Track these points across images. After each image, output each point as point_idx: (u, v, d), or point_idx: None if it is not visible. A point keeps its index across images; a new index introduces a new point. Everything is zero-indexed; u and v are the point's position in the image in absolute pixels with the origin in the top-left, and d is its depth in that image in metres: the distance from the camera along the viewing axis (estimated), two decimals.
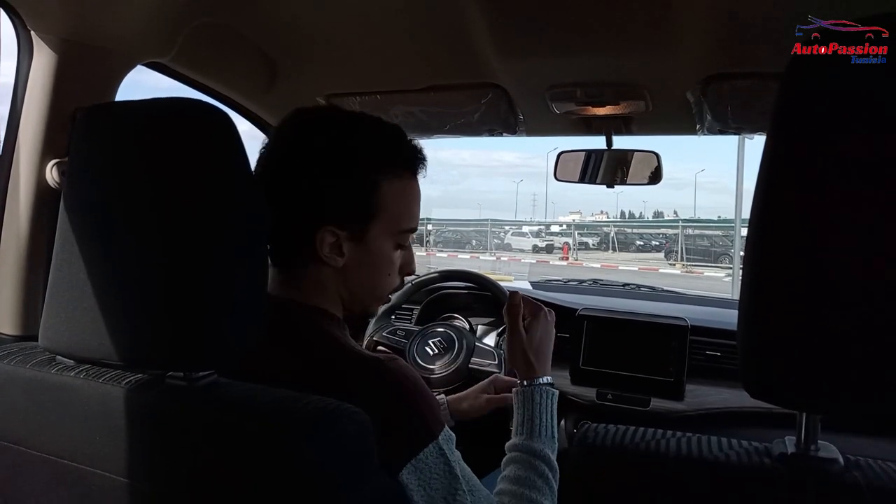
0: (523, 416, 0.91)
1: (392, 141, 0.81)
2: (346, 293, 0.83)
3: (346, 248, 0.78)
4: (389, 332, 1.61)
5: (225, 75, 1.30)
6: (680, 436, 0.52)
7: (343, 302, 0.84)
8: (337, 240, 0.78)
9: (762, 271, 0.46)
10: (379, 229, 0.80)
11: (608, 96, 1.28)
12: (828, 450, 0.48)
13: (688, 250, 17.74)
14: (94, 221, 0.65)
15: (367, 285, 0.83)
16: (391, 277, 0.85)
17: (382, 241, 0.81)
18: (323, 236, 0.77)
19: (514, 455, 0.87)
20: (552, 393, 0.94)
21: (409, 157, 0.82)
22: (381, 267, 0.83)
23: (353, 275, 0.81)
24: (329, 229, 0.77)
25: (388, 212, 0.79)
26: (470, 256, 18.13)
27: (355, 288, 0.82)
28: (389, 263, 0.84)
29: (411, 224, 0.84)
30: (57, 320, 0.66)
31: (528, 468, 0.84)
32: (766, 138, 0.47)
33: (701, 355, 1.51)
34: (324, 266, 0.79)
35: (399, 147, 0.81)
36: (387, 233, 0.81)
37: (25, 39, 0.88)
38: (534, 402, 0.91)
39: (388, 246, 0.82)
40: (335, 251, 0.78)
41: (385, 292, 0.87)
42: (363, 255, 0.80)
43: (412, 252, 0.89)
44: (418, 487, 0.67)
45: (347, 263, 0.79)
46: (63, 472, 0.65)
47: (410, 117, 1.47)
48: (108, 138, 0.66)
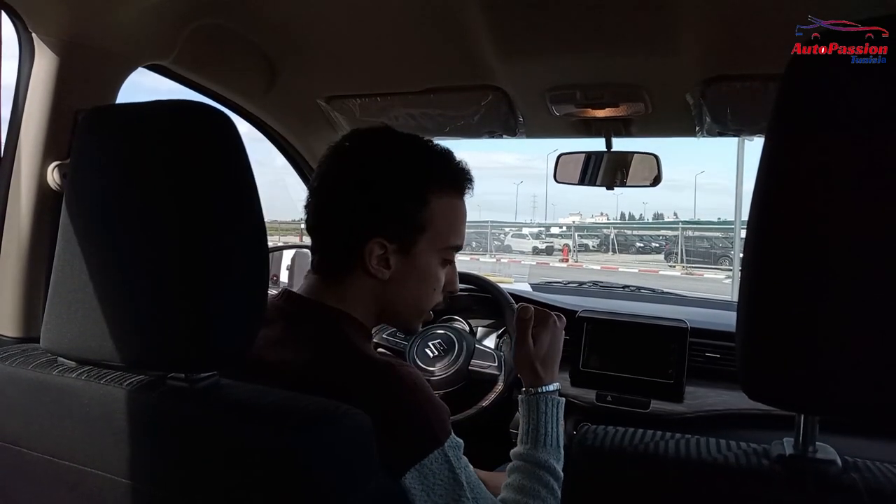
0: (528, 425, 0.91)
1: (442, 160, 0.84)
2: (388, 306, 0.84)
3: (392, 261, 0.81)
4: (389, 334, 1.61)
5: (225, 77, 1.30)
6: (679, 437, 0.52)
7: (381, 316, 0.85)
8: (385, 252, 0.80)
9: (761, 273, 0.47)
10: (426, 244, 0.82)
11: (608, 98, 1.29)
12: (826, 451, 0.48)
13: (688, 252, 17.75)
14: (95, 223, 0.65)
15: (411, 299, 0.85)
16: (435, 293, 0.87)
17: (429, 256, 0.83)
18: (372, 248, 0.79)
19: (518, 464, 0.88)
20: (558, 401, 0.94)
21: (457, 176, 0.85)
22: (426, 281, 0.85)
23: (398, 288, 0.83)
24: (378, 241, 0.79)
25: (436, 227, 0.82)
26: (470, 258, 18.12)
27: (398, 301, 0.84)
28: (435, 279, 0.86)
29: (457, 241, 0.86)
30: (58, 322, 0.66)
31: (532, 478, 0.85)
32: (764, 139, 0.47)
33: (700, 357, 1.51)
34: (368, 278, 0.81)
35: (448, 166, 0.85)
36: (433, 248, 0.83)
37: (27, 41, 0.89)
38: (539, 411, 0.91)
39: (434, 261, 0.84)
40: (382, 263, 0.80)
41: (427, 308, 0.88)
42: (409, 268, 0.82)
43: (456, 270, 0.91)
44: (421, 493, 0.68)
45: (393, 276, 0.81)
46: (64, 473, 0.65)
47: (410, 119, 1.47)
48: (110, 140, 0.66)
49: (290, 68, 1.30)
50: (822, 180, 0.44)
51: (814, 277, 0.44)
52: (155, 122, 0.64)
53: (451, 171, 0.85)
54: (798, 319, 0.45)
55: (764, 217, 0.46)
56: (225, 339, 0.61)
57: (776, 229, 0.45)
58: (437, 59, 1.22)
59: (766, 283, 0.46)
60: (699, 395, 1.46)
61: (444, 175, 0.84)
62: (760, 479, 0.46)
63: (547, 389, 0.94)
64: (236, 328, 0.61)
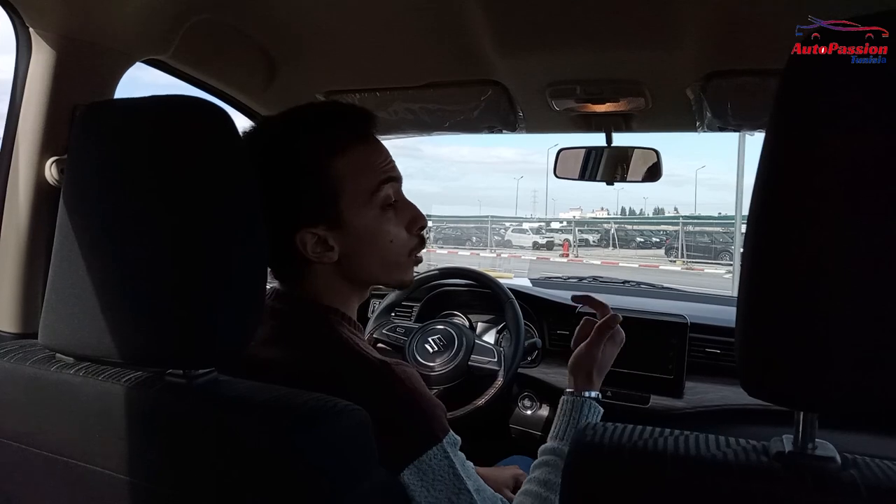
0: (567, 423, 0.91)
1: (324, 119, 0.79)
2: (358, 280, 0.82)
3: (332, 241, 0.77)
4: (389, 330, 1.61)
5: (223, 72, 1.30)
6: (677, 434, 0.52)
7: (363, 290, 0.84)
8: (318, 237, 0.77)
9: (760, 270, 0.46)
10: (349, 207, 0.77)
11: (608, 93, 1.28)
12: (825, 448, 0.48)
13: (688, 247, 17.75)
14: (93, 219, 0.65)
15: (374, 263, 0.81)
16: (395, 244, 0.81)
17: (361, 214, 0.78)
18: (303, 238, 0.76)
19: (547, 458, 0.87)
20: (599, 410, 0.95)
21: (345, 125, 0.80)
22: (375, 239, 0.80)
23: (354, 260, 0.79)
24: (306, 231, 0.76)
25: (349, 186, 0.77)
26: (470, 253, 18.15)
27: (363, 271, 0.81)
28: (384, 232, 0.80)
29: (378, 179, 0.79)
30: (56, 318, 0.66)
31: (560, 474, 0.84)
32: (764, 136, 0.47)
33: (700, 352, 1.52)
34: (317, 266, 0.79)
35: (332, 122, 0.79)
36: (360, 204, 0.78)
37: (24, 37, 0.88)
38: (581, 413, 0.92)
39: (370, 216, 0.79)
40: (323, 248, 0.78)
41: (400, 258, 0.83)
42: (351, 238, 0.78)
43: (411, 205, 0.84)
44: (421, 489, 0.68)
45: (343, 252, 0.78)
46: (62, 469, 0.65)
47: (410, 114, 1.47)
48: (108, 136, 0.66)
49: (289, 63, 1.29)
50: (822, 178, 0.43)
51: (813, 274, 0.44)
52: (153, 118, 0.63)
53: (337, 124, 0.79)
54: (797, 316, 0.44)
55: (763, 213, 0.46)
56: (223, 335, 0.61)
57: (776, 226, 0.45)
58: (437, 54, 1.21)
59: (765, 279, 0.46)
60: (699, 390, 1.47)
61: (331, 133, 0.78)
62: (759, 476, 0.46)
63: (592, 395, 0.95)
64: (235, 324, 0.61)
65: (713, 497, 0.47)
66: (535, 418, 1.60)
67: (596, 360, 0.97)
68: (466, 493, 0.70)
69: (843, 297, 0.43)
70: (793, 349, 0.45)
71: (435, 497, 0.68)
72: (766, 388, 0.47)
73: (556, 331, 1.70)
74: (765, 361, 0.46)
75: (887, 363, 0.43)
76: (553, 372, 1.62)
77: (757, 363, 0.47)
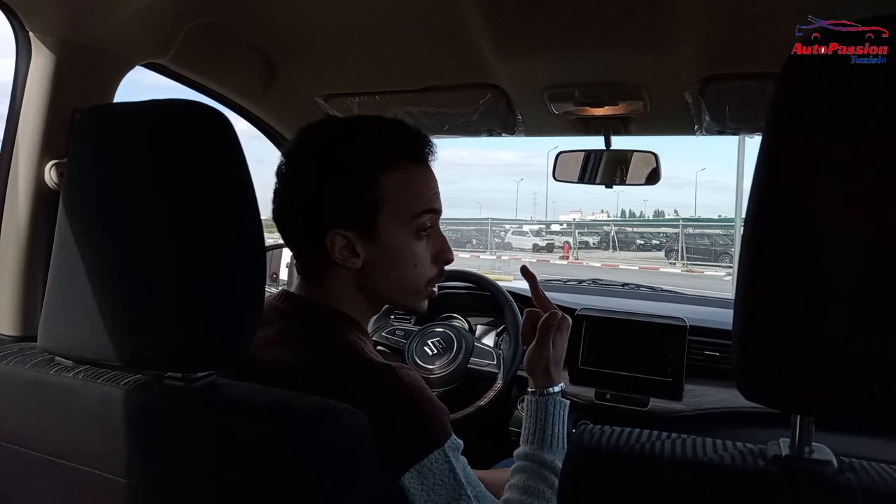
0: (535, 426, 0.91)
1: (388, 134, 0.82)
2: (374, 294, 0.83)
3: (360, 248, 0.79)
4: (388, 332, 1.61)
5: (223, 76, 1.30)
6: (675, 437, 0.52)
7: (375, 304, 0.85)
8: (348, 241, 0.78)
9: (757, 272, 0.46)
10: (388, 223, 0.79)
11: (606, 97, 1.28)
12: (822, 452, 0.48)
13: (688, 249, 17.74)
14: (92, 222, 0.65)
15: (393, 281, 0.83)
16: (419, 269, 0.83)
17: (395, 232, 0.80)
18: (333, 239, 0.78)
19: (523, 464, 0.87)
20: (564, 403, 0.94)
21: (408, 145, 0.82)
22: (401, 260, 0.81)
23: (376, 273, 0.81)
24: (337, 232, 0.78)
25: (394, 204, 0.79)
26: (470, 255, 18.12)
27: (381, 286, 0.83)
28: (411, 255, 0.82)
29: (422, 207, 0.82)
30: (56, 321, 0.66)
31: (537, 478, 0.84)
32: (762, 138, 0.47)
33: (700, 355, 1.52)
34: (341, 269, 0.80)
35: (395, 139, 0.82)
36: (398, 223, 0.80)
37: (24, 40, 0.88)
38: (546, 412, 0.91)
39: (404, 237, 0.81)
40: (349, 252, 0.79)
41: (419, 285, 0.85)
42: (379, 251, 0.80)
43: (443, 238, 0.87)
44: (421, 493, 0.68)
45: (366, 262, 0.80)
46: (61, 472, 0.65)
47: (409, 118, 1.47)
48: (107, 139, 0.66)
49: (289, 66, 1.29)
50: (820, 179, 0.43)
51: (810, 277, 0.44)
52: (152, 122, 0.64)
53: (399, 143, 0.81)
54: (794, 319, 0.45)
55: (761, 216, 0.46)
56: (222, 338, 0.61)
57: (773, 228, 0.45)
58: (436, 58, 1.22)
59: (763, 282, 0.46)
60: (698, 393, 1.46)
61: (391, 149, 0.80)
62: (756, 479, 0.46)
63: (554, 390, 0.94)
64: (233, 327, 0.61)
65: (710, 500, 0.47)
66: None
67: (549, 357, 0.95)
68: (466, 499, 0.70)
69: (841, 299, 0.43)
70: (789, 352, 0.45)
71: (434, 501, 0.68)
72: (762, 392, 0.47)
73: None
74: (761, 365, 0.46)
75: (884, 366, 0.43)
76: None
77: (753, 366, 0.47)
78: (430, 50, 1.19)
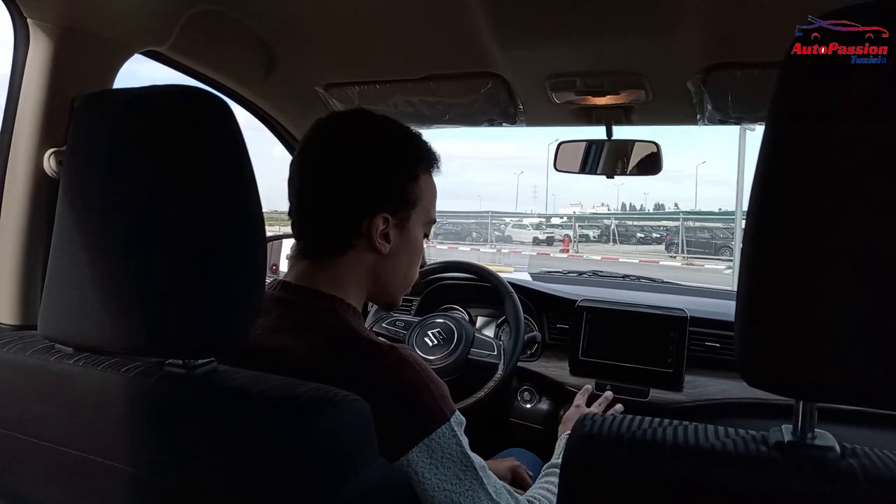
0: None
1: (420, 140, 0.89)
2: (381, 281, 0.86)
3: (392, 235, 0.83)
4: (389, 323, 1.61)
5: (223, 64, 1.29)
6: (676, 424, 0.52)
7: (370, 292, 0.88)
8: (386, 226, 0.82)
9: (760, 261, 0.46)
10: (416, 218, 0.87)
11: (608, 86, 1.28)
12: (824, 438, 0.48)
13: (689, 243, 17.74)
14: (92, 210, 0.64)
15: (402, 271, 0.88)
16: (416, 266, 0.91)
17: (417, 229, 0.88)
18: (377, 223, 0.81)
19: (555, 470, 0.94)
20: None
21: (432, 155, 0.90)
22: (415, 254, 0.89)
23: (393, 262, 0.86)
24: (383, 216, 0.82)
25: (423, 203, 0.87)
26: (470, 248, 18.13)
27: (391, 274, 0.87)
28: (421, 251, 0.91)
29: (434, 214, 0.91)
30: (55, 309, 0.66)
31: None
32: (763, 131, 0.47)
33: (700, 346, 1.52)
34: (367, 254, 0.83)
35: (425, 146, 0.89)
36: (421, 222, 0.88)
37: (22, 27, 0.88)
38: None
39: (420, 235, 0.89)
40: (384, 238, 0.83)
41: (412, 281, 0.92)
42: (404, 242, 0.86)
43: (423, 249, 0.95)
44: (430, 466, 0.69)
45: (391, 250, 0.84)
46: (62, 459, 0.65)
47: (409, 107, 1.47)
48: (106, 126, 0.65)
49: (289, 55, 1.29)
50: (822, 172, 0.43)
51: (812, 265, 0.44)
52: (151, 108, 0.63)
53: (427, 151, 0.89)
54: (796, 306, 0.45)
55: (764, 207, 0.46)
56: (222, 325, 0.61)
57: (775, 218, 0.45)
58: (437, 47, 1.21)
59: (765, 270, 0.46)
60: (698, 384, 1.47)
61: (424, 154, 0.88)
62: (758, 465, 0.46)
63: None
64: (234, 315, 0.61)
65: (712, 486, 0.47)
66: (535, 412, 1.60)
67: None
68: (472, 471, 0.72)
69: (842, 287, 0.43)
70: (792, 339, 0.45)
71: (443, 474, 0.70)
72: (765, 378, 0.47)
73: (556, 325, 1.70)
74: (764, 351, 0.46)
75: (886, 353, 0.43)
76: (552, 366, 1.62)
77: (757, 353, 0.47)
78: (431, 38, 1.18)
